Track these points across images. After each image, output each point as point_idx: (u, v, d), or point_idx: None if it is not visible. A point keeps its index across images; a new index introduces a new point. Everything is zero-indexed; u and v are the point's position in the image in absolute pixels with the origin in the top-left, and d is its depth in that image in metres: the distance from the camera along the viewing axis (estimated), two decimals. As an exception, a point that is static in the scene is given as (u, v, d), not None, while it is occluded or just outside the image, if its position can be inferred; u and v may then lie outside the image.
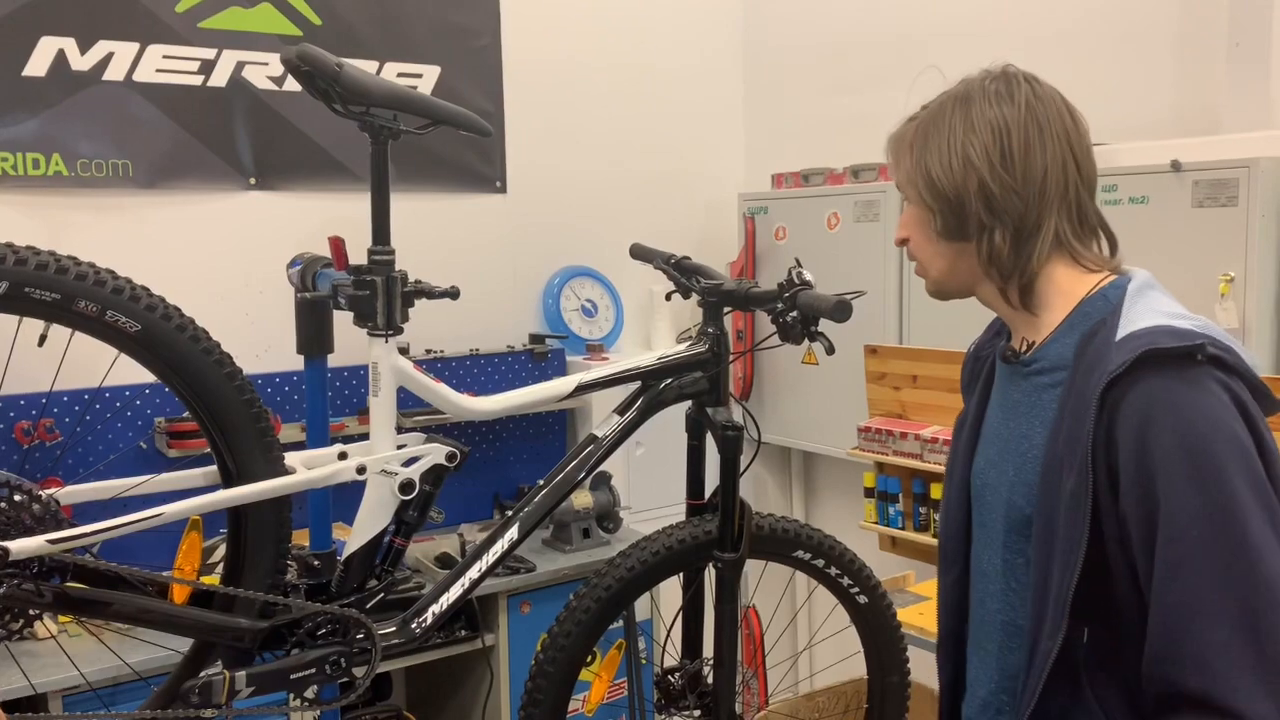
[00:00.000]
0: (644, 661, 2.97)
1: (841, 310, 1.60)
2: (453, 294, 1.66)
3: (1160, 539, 1.12)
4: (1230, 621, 1.10)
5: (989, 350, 1.48)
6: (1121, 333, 1.20)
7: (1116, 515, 1.17)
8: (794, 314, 1.70)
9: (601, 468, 3.14)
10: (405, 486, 1.65)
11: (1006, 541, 1.34)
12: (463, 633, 2.88)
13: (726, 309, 1.91)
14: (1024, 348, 1.36)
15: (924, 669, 2.46)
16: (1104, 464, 1.17)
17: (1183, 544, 1.11)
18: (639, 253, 2.14)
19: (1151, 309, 1.22)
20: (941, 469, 2.86)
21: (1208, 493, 1.11)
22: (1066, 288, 1.31)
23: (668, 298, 2.10)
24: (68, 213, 2.80)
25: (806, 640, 3.68)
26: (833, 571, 2.01)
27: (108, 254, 2.79)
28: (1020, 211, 1.28)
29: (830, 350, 1.68)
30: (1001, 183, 1.28)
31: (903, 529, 3.05)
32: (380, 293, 1.59)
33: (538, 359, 3.43)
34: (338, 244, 1.69)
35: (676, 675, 2.02)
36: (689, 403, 1.95)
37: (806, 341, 1.72)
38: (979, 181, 1.29)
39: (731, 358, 1.92)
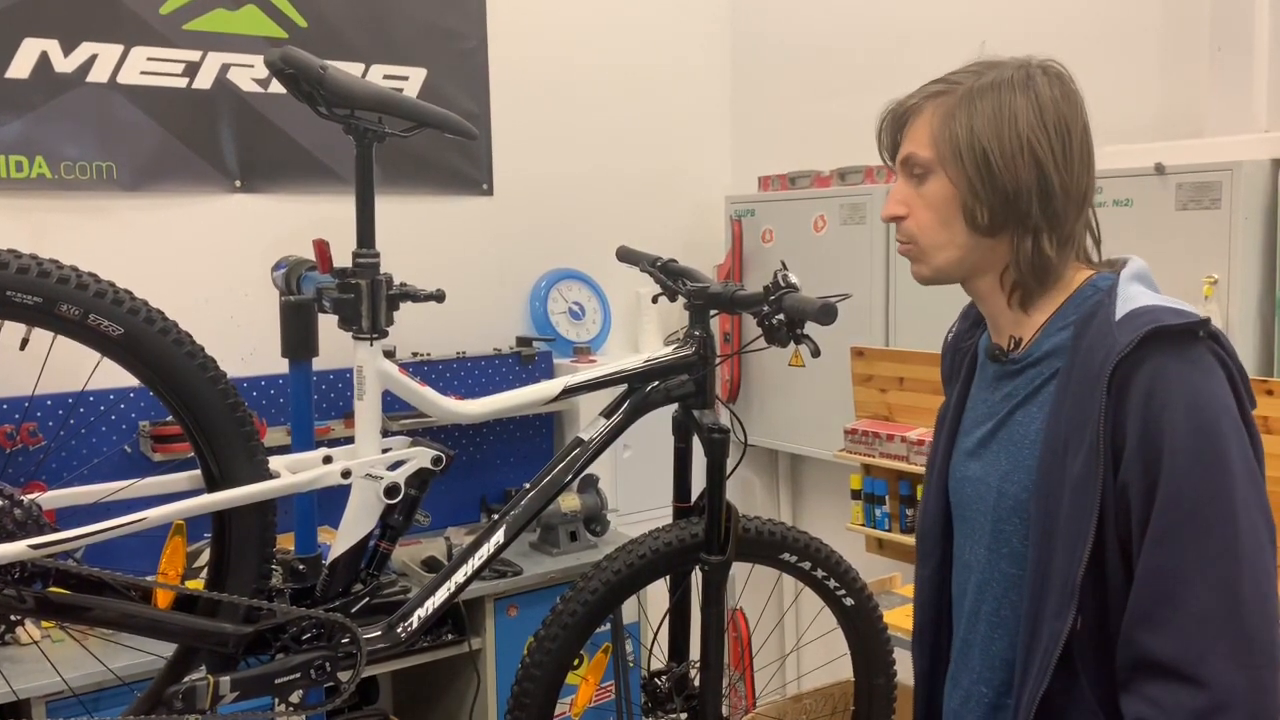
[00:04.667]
0: (631, 664, 2.97)
1: (826, 313, 1.60)
2: (438, 297, 1.65)
3: (1156, 508, 1.14)
4: (1210, 592, 1.12)
5: (970, 340, 1.48)
6: (1120, 311, 1.21)
7: (1115, 490, 1.18)
8: (780, 317, 1.70)
9: (589, 470, 3.15)
10: (390, 490, 1.64)
11: (994, 531, 1.34)
12: (450, 636, 2.87)
13: (713, 312, 1.91)
14: (1011, 345, 1.34)
15: (911, 670, 2.47)
16: (1110, 442, 1.18)
17: (1175, 513, 1.14)
18: (625, 255, 2.14)
19: (1146, 292, 1.24)
20: (927, 471, 2.89)
21: (1209, 470, 1.14)
22: (1062, 286, 1.31)
23: (654, 300, 2.10)
24: (51, 215, 2.78)
25: (794, 642, 3.68)
26: (819, 574, 2.01)
27: (91, 257, 2.77)
28: (1066, 217, 1.27)
29: (816, 353, 1.68)
30: (1061, 184, 1.25)
31: (889, 531, 3.06)
32: (365, 296, 1.58)
33: (525, 362, 3.43)
34: (322, 247, 1.68)
35: (663, 678, 2.02)
36: (675, 405, 1.94)
37: (793, 344, 1.72)
38: (1039, 177, 1.24)
39: (718, 360, 1.92)
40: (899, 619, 2.51)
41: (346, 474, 1.61)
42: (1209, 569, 1.13)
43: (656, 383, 1.89)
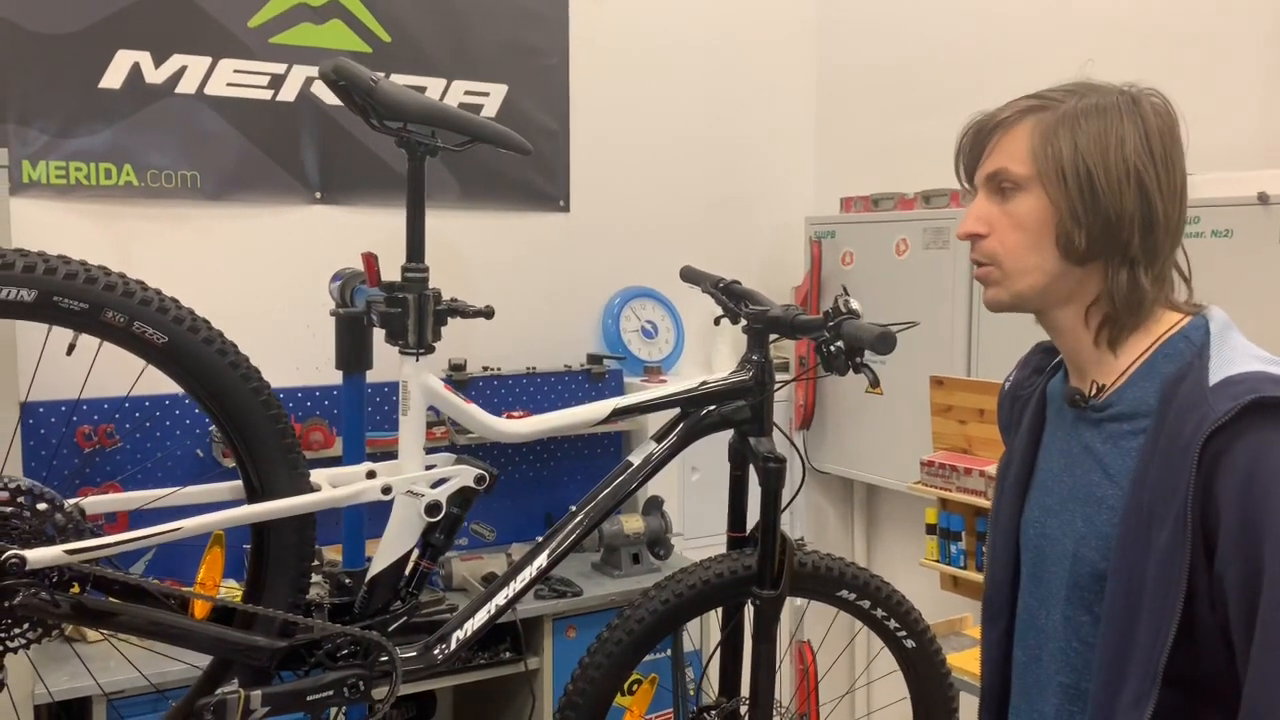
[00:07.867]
0: (691, 693, 2.90)
1: (884, 342, 1.52)
2: (486, 313, 1.63)
3: (1264, 603, 1.04)
4: None
5: (1029, 388, 1.39)
6: (1215, 377, 1.11)
7: (1210, 574, 1.08)
8: (839, 344, 1.63)
9: (655, 493, 3.10)
10: (431, 508, 1.61)
11: (1070, 597, 1.24)
12: (507, 655, 2.84)
13: (773, 337, 1.85)
14: (1093, 390, 1.24)
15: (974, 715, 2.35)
16: (1199, 519, 1.08)
17: None
18: (689, 275, 2.09)
19: (1242, 352, 1.14)
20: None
21: None
22: (1150, 328, 1.22)
23: (716, 322, 2.04)
24: (136, 222, 2.85)
25: (865, 675, 3.56)
26: (878, 613, 1.93)
27: (173, 263, 2.87)
28: (1164, 250, 1.20)
29: (874, 383, 1.61)
30: (1165, 214, 1.18)
31: (964, 568, 2.93)
32: (412, 310, 1.56)
33: (595, 379, 3.39)
34: (370, 260, 1.67)
35: (713, 713, 1.95)
36: (732, 431, 1.88)
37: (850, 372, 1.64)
38: (1142, 205, 1.17)
39: (776, 386, 1.85)
40: (966, 662, 2.40)
41: (387, 490, 1.59)
42: None
43: (712, 407, 1.83)
